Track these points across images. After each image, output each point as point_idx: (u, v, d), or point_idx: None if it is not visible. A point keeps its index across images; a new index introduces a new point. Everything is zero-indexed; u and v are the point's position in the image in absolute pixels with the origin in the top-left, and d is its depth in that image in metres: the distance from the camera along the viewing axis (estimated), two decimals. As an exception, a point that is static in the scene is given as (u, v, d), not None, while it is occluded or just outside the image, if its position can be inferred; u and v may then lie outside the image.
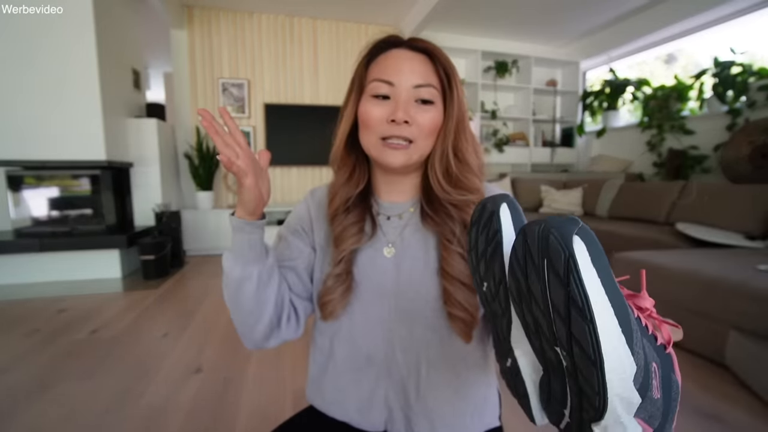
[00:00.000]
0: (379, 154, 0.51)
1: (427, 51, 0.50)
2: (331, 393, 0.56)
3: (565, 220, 0.23)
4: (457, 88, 0.51)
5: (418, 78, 0.48)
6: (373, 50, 0.52)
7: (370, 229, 0.56)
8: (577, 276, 0.21)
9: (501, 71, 4.26)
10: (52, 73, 2.51)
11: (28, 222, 2.68)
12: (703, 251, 1.99)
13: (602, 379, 0.22)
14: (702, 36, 3.42)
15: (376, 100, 0.50)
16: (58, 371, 1.49)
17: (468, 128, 0.53)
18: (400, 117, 0.47)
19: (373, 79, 0.50)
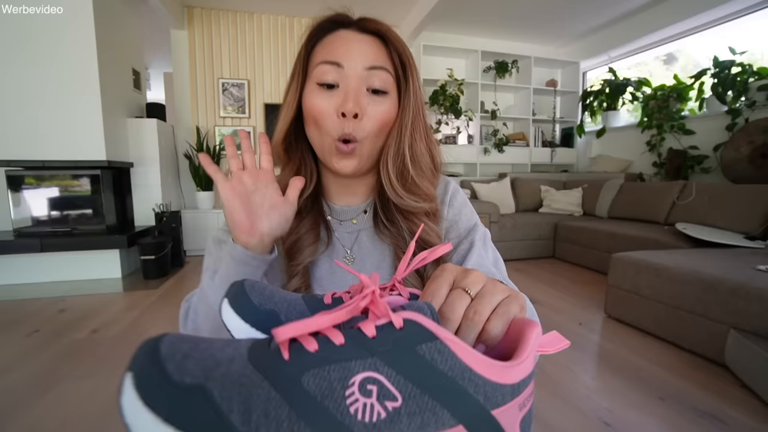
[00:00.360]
0: (329, 158, 0.45)
1: (380, 33, 0.44)
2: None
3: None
4: (413, 78, 0.45)
5: (370, 59, 0.42)
6: (318, 30, 0.45)
7: (326, 237, 0.50)
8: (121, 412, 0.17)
9: (501, 71, 4.26)
10: (52, 73, 2.51)
11: (29, 222, 2.68)
12: (703, 251, 1.99)
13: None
14: (702, 36, 3.42)
15: (322, 89, 0.43)
16: (58, 371, 1.49)
17: (425, 123, 0.47)
18: (351, 109, 0.41)
19: (319, 62, 0.43)
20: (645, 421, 1.20)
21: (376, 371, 0.18)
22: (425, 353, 0.18)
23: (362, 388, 0.18)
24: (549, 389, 1.38)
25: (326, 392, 0.17)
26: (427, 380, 0.18)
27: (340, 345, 0.19)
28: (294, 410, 0.17)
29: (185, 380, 0.17)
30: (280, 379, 0.18)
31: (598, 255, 2.90)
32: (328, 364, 0.18)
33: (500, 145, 4.28)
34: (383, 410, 0.17)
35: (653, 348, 1.70)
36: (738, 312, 1.44)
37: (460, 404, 0.18)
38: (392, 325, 0.19)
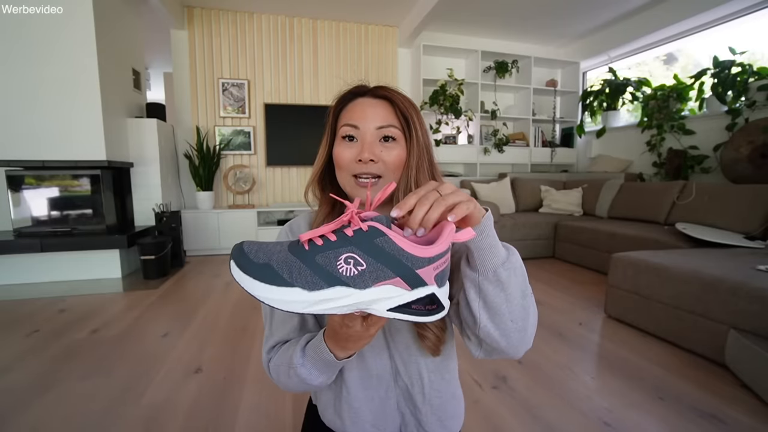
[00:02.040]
0: (352, 191, 0.57)
1: (388, 98, 0.57)
2: (348, 415, 0.60)
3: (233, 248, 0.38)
4: (416, 130, 0.56)
5: (379, 120, 0.55)
6: (342, 100, 0.60)
7: None
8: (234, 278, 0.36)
9: (501, 71, 4.26)
10: (52, 73, 2.51)
11: (29, 222, 2.68)
12: (703, 251, 1.99)
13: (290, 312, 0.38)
14: (702, 36, 3.42)
15: (345, 142, 0.57)
16: (58, 371, 1.49)
17: (431, 163, 0.58)
18: (366, 156, 0.54)
19: (342, 124, 0.57)
20: (645, 421, 1.20)
21: (353, 253, 0.34)
22: (379, 243, 0.34)
23: (346, 260, 0.34)
24: (549, 389, 1.38)
25: (327, 263, 0.35)
26: (380, 256, 0.34)
27: (333, 241, 0.35)
28: (312, 271, 0.34)
29: (259, 261, 0.35)
30: (304, 258, 0.35)
31: (598, 255, 2.90)
32: (328, 250, 0.35)
33: (500, 145, 4.28)
34: (356, 270, 0.34)
35: (653, 348, 1.70)
36: (738, 312, 1.44)
37: (398, 267, 0.34)
38: (362, 230, 0.35)
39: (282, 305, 0.34)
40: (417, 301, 0.36)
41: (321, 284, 0.34)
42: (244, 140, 3.89)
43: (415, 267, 0.34)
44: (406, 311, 0.36)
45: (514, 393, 1.36)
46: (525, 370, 1.52)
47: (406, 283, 0.35)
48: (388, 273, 0.34)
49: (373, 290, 0.34)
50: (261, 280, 0.34)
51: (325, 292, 0.34)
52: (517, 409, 1.27)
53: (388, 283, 0.35)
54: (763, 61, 2.90)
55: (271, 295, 0.34)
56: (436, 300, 0.37)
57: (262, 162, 3.97)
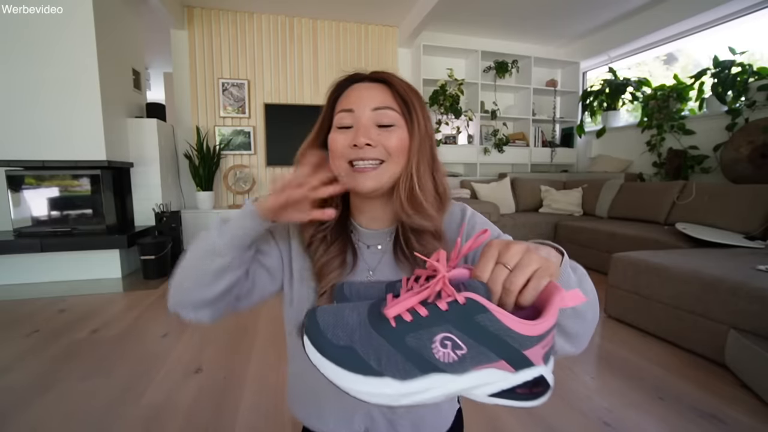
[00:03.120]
0: (349, 180, 0.52)
1: (385, 80, 0.53)
2: (311, 405, 0.57)
3: (303, 320, 0.34)
4: (417, 116, 0.52)
5: (376, 102, 0.51)
6: (338, 87, 0.55)
7: (352, 260, 0.56)
8: (307, 355, 0.32)
9: (501, 71, 4.26)
10: (52, 73, 2.51)
11: (29, 222, 2.68)
12: (703, 251, 1.99)
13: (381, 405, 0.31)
14: (702, 36, 3.42)
15: (340, 130, 0.52)
16: (58, 371, 1.49)
17: (432, 153, 0.54)
18: (361, 141, 0.49)
19: (338, 111, 0.53)
20: (645, 421, 1.20)
21: (449, 332, 0.29)
22: (480, 320, 0.29)
23: (442, 343, 0.29)
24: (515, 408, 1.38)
25: (421, 345, 0.29)
26: (482, 336, 0.29)
27: (425, 316, 0.30)
28: (403, 356, 0.30)
29: (340, 342, 0.31)
30: (392, 339, 0.30)
31: (598, 255, 2.90)
32: (420, 329, 0.30)
33: (500, 145, 4.28)
34: (455, 355, 0.29)
35: (653, 348, 1.70)
36: (738, 312, 1.44)
37: (503, 349, 0.29)
38: (458, 302, 0.30)
39: (368, 398, 0.30)
40: (522, 385, 0.31)
41: (414, 372, 0.29)
42: (244, 140, 3.88)
43: (523, 348, 0.29)
44: (510, 396, 0.31)
45: (514, 393, 1.35)
46: (525, 370, 1.52)
47: (511, 366, 0.30)
48: (491, 356, 0.29)
49: (473, 375, 0.30)
50: (344, 367, 0.30)
51: (419, 383, 0.29)
52: (516, 408, 1.27)
53: (489, 367, 0.30)
54: (763, 61, 2.90)
55: (357, 386, 0.30)
56: (543, 381, 0.31)
57: (262, 162, 3.97)
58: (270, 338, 1.79)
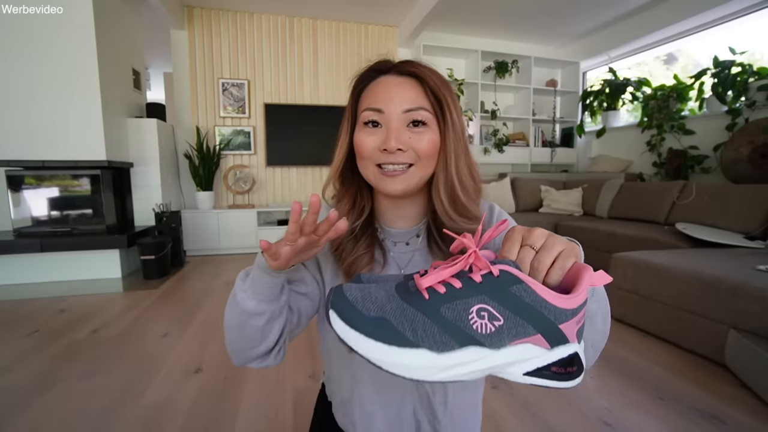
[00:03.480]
0: (377, 183, 0.50)
1: (416, 75, 0.49)
2: (360, 418, 0.56)
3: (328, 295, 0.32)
4: (450, 112, 0.49)
5: (407, 103, 0.48)
6: (362, 79, 0.52)
7: (381, 257, 0.55)
8: (334, 331, 0.30)
9: (501, 71, 4.26)
10: (52, 73, 2.51)
11: (29, 222, 2.68)
12: (703, 251, 1.99)
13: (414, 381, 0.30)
14: (702, 36, 3.42)
15: (367, 128, 0.49)
16: (58, 371, 1.49)
17: (467, 151, 0.52)
18: (392, 146, 0.47)
19: (364, 108, 0.50)
20: (645, 421, 1.20)
21: (485, 303, 0.29)
22: (515, 291, 0.29)
23: (478, 314, 0.29)
24: (549, 389, 1.38)
25: (457, 317, 0.29)
26: (518, 308, 0.29)
27: (459, 288, 0.29)
28: (440, 328, 0.28)
29: (371, 314, 0.29)
30: (426, 310, 0.29)
31: (598, 255, 2.90)
32: (455, 300, 0.29)
33: (500, 145, 4.28)
34: (493, 326, 0.28)
35: (653, 348, 1.70)
36: (738, 312, 1.44)
37: (539, 322, 0.29)
38: (491, 274, 0.29)
39: (404, 371, 0.28)
40: (557, 363, 0.30)
41: (452, 344, 0.28)
42: (244, 140, 3.88)
43: (558, 321, 0.29)
44: (546, 375, 0.30)
45: (514, 393, 1.36)
46: (525, 370, 1.52)
47: (547, 341, 0.29)
48: (528, 329, 0.29)
49: (510, 350, 0.29)
50: (377, 338, 0.28)
51: (457, 355, 0.28)
52: (516, 408, 1.27)
53: (526, 341, 0.29)
54: (763, 61, 2.90)
55: (390, 358, 0.28)
56: (577, 360, 0.31)
57: (262, 162, 3.97)
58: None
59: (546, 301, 0.28)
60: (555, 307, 0.29)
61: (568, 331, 0.30)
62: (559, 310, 0.29)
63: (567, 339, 0.30)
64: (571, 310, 0.29)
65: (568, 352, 0.30)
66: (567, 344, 0.30)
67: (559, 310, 0.29)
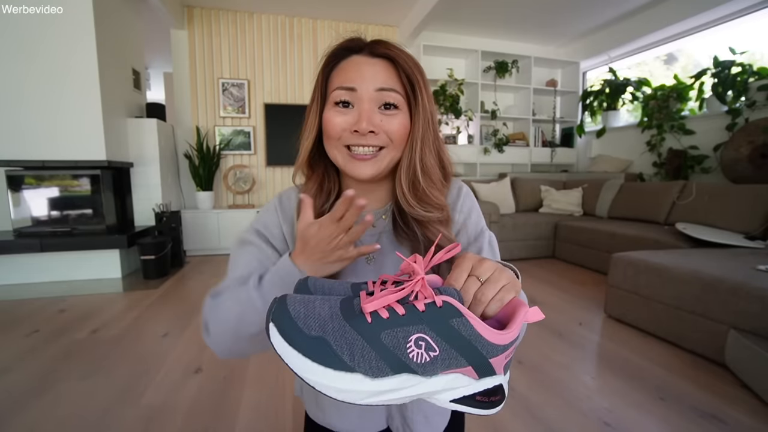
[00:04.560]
0: (345, 166, 0.49)
1: (389, 56, 0.48)
2: (329, 406, 0.56)
3: (270, 306, 0.31)
4: (422, 96, 0.48)
5: (380, 82, 0.47)
6: (333, 57, 0.50)
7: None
8: (271, 344, 0.29)
9: (501, 71, 4.26)
10: (53, 73, 2.51)
11: (29, 222, 2.68)
12: (703, 251, 1.99)
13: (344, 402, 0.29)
14: (702, 36, 3.42)
15: (338, 108, 0.48)
16: (58, 371, 1.49)
17: (435, 135, 0.51)
18: (364, 128, 0.45)
19: (335, 87, 0.48)
20: (645, 421, 1.20)
21: (424, 333, 0.29)
22: (455, 324, 0.29)
23: (416, 343, 0.29)
24: (549, 389, 1.38)
25: (395, 344, 0.29)
26: (455, 340, 0.29)
27: (402, 315, 0.29)
28: (377, 354, 0.29)
29: (312, 333, 0.29)
30: (366, 335, 0.29)
31: (598, 255, 2.90)
32: (396, 327, 0.29)
33: (500, 145, 4.28)
34: (428, 356, 0.29)
35: (653, 348, 1.70)
36: (738, 312, 1.44)
37: (472, 355, 0.30)
38: (434, 304, 0.30)
39: (335, 394, 0.29)
40: (482, 393, 0.32)
41: (386, 370, 0.29)
42: (244, 140, 3.88)
43: (489, 355, 0.30)
44: (470, 403, 0.32)
45: (514, 393, 1.36)
46: (525, 370, 1.52)
47: (476, 372, 0.31)
48: (460, 361, 0.30)
49: (440, 379, 0.30)
50: (313, 359, 0.28)
51: (389, 381, 0.29)
52: (517, 408, 1.27)
53: (457, 372, 0.30)
54: (763, 61, 2.90)
55: (324, 380, 0.28)
56: (501, 390, 0.33)
57: (262, 162, 3.97)
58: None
59: (481, 336, 0.30)
60: (489, 343, 0.30)
61: (497, 365, 0.31)
62: (491, 345, 0.30)
63: (495, 371, 0.32)
64: (502, 345, 0.31)
65: (494, 383, 0.32)
66: (494, 376, 0.32)
67: (491, 345, 0.30)
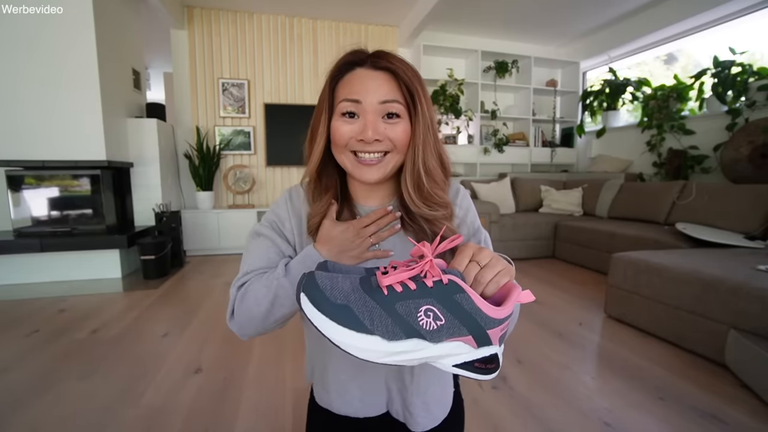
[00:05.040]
0: (354, 171, 0.54)
1: (390, 69, 0.52)
2: (335, 388, 0.59)
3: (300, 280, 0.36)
4: (421, 104, 0.52)
5: (383, 95, 0.51)
6: (338, 71, 0.54)
7: None
8: (302, 311, 0.35)
9: (501, 71, 4.26)
10: (52, 73, 2.51)
11: (29, 222, 2.68)
12: (703, 251, 1.99)
13: (364, 361, 0.34)
14: (702, 36, 3.42)
15: (345, 118, 0.52)
16: (58, 371, 1.49)
17: (435, 138, 0.55)
18: (369, 137, 0.50)
19: (341, 99, 0.52)
20: (645, 421, 1.20)
21: (432, 306, 0.35)
22: (458, 299, 0.35)
23: (426, 313, 0.34)
24: (549, 389, 1.38)
25: (408, 313, 0.34)
26: (458, 312, 0.35)
27: (413, 290, 0.35)
28: (393, 320, 0.34)
29: (338, 301, 0.34)
30: (384, 304, 0.34)
31: (598, 255, 2.90)
32: (408, 299, 0.35)
33: (500, 145, 4.28)
34: (435, 325, 0.34)
35: (653, 348, 1.70)
36: (738, 312, 1.44)
37: (472, 326, 0.35)
38: (441, 282, 0.35)
39: (357, 352, 0.34)
40: (480, 360, 0.37)
41: (400, 335, 0.34)
42: (244, 140, 3.89)
43: (487, 327, 0.36)
44: (469, 368, 0.37)
45: (514, 393, 1.36)
46: (525, 370, 1.52)
47: (475, 341, 0.36)
48: (462, 330, 0.35)
49: (445, 345, 0.35)
50: (339, 322, 0.33)
51: (402, 344, 0.34)
52: (517, 408, 1.27)
53: (459, 340, 0.35)
54: (763, 61, 2.90)
55: (348, 340, 0.33)
56: (496, 359, 0.38)
57: (262, 162, 3.97)
58: (270, 339, 1.79)
59: (480, 310, 0.35)
60: (486, 316, 0.35)
61: (493, 336, 0.37)
62: (489, 318, 0.36)
63: (491, 342, 0.37)
64: (498, 319, 0.36)
65: (490, 352, 0.37)
66: (490, 346, 0.37)
67: (489, 318, 0.36)
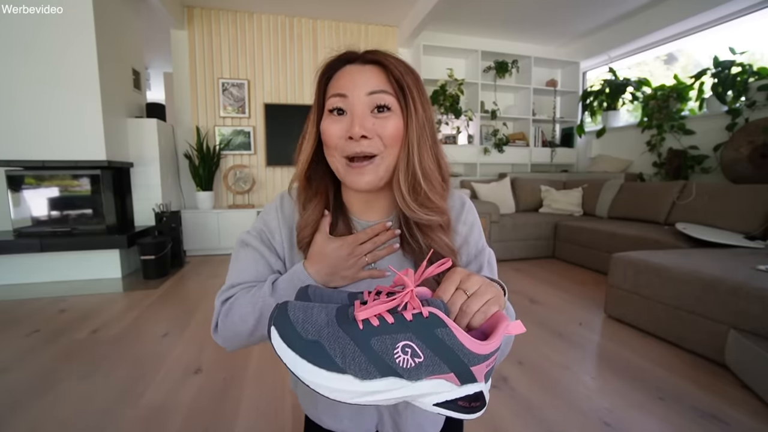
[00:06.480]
0: (345, 176, 0.50)
1: (379, 62, 0.49)
2: (322, 407, 0.58)
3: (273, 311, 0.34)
4: (414, 100, 0.48)
5: (370, 86, 0.48)
6: (328, 69, 0.52)
7: None
8: (272, 346, 0.32)
9: (501, 71, 4.26)
10: (52, 73, 2.51)
11: (29, 222, 2.68)
12: (703, 251, 1.99)
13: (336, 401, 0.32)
14: (702, 36, 3.42)
15: (333, 115, 0.49)
16: (58, 371, 1.49)
17: (432, 138, 0.51)
18: (356, 132, 0.46)
19: (330, 95, 0.50)
20: (645, 421, 1.20)
21: (411, 341, 0.32)
22: (439, 334, 0.32)
23: (403, 349, 0.32)
24: (549, 389, 1.38)
25: (383, 349, 0.32)
26: (438, 348, 0.32)
27: (391, 323, 0.32)
28: (367, 358, 0.31)
29: (308, 337, 0.32)
30: (358, 340, 0.32)
31: (598, 255, 2.90)
32: (385, 334, 0.32)
33: (500, 145, 4.28)
34: (413, 362, 0.32)
35: (653, 348, 1.70)
36: (738, 312, 1.44)
37: (454, 363, 0.32)
38: (421, 314, 0.32)
39: (327, 392, 0.31)
40: (464, 398, 0.34)
41: (374, 373, 0.31)
42: (244, 140, 3.88)
43: (471, 363, 0.33)
44: (452, 407, 0.34)
45: (515, 393, 1.36)
46: (525, 370, 1.52)
47: (458, 379, 0.33)
48: (443, 368, 0.32)
49: (425, 383, 0.33)
50: (309, 360, 0.31)
51: (377, 383, 0.31)
52: (517, 409, 1.27)
53: (440, 378, 0.33)
54: (763, 61, 2.90)
55: (318, 379, 0.31)
56: (481, 397, 0.35)
57: (262, 162, 3.97)
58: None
59: (464, 346, 0.32)
60: (470, 352, 0.33)
61: (478, 373, 0.34)
62: (473, 354, 0.33)
63: (476, 379, 0.34)
64: (483, 355, 0.33)
65: (475, 390, 0.34)
66: (475, 383, 0.34)
67: (473, 354, 0.33)
